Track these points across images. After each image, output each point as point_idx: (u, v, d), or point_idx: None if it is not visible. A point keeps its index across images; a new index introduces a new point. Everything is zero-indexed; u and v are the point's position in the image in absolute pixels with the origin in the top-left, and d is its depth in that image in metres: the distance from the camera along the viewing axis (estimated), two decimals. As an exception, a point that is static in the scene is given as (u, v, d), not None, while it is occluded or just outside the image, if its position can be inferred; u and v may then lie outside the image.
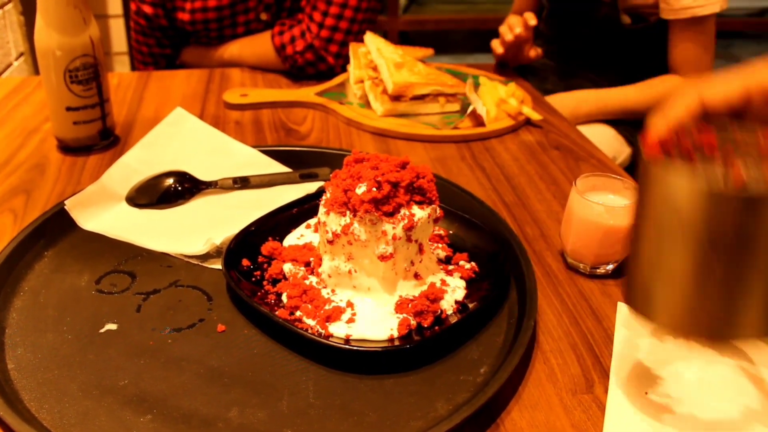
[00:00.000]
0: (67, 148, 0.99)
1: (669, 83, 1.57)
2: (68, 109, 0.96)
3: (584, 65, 1.70)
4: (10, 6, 1.69)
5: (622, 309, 0.66)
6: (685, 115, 0.56)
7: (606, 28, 1.59)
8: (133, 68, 1.49)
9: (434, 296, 0.62)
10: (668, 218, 0.44)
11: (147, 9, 1.35)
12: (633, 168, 1.67)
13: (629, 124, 1.65)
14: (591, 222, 0.70)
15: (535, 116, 1.12)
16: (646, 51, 1.63)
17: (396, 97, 1.12)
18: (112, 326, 0.63)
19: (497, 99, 1.12)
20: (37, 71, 1.80)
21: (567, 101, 1.56)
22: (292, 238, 0.74)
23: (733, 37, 5.70)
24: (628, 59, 1.65)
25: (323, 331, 0.60)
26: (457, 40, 5.83)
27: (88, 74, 0.95)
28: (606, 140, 1.60)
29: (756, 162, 0.47)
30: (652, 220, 0.46)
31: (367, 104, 1.16)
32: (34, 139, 1.03)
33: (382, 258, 0.62)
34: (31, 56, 1.79)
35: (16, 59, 1.72)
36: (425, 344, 0.59)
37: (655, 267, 0.46)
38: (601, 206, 0.69)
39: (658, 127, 0.56)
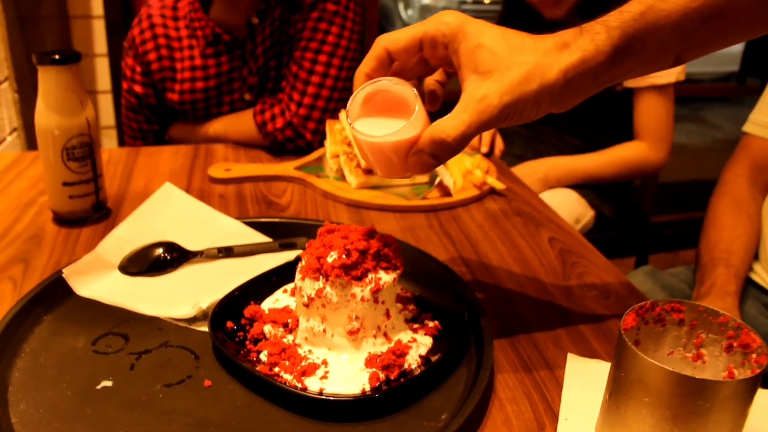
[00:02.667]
0: (62, 220, 1.06)
1: (632, 150, 1.68)
2: (64, 184, 1.03)
3: (551, 131, 1.81)
4: (5, 84, 1.78)
5: (572, 360, 0.73)
6: (375, 62, 0.67)
7: None
8: (121, 143, 1.57)
9: (400, 351, 0.69)
10: (636, 382, 0.55)
11: (138, 88, 1.44)
12: (596, 230, 1.76)
13: (592, 188, 1.75)
14: (381, 147, 0.67)
15: (499, 186, 1.20)
16: (610, 118, 1.75)
17: (369, 171, 1.20)
18: (108, 383, 0.68)
19: (464, 170, 1.21)
20: (29, 146, 1.88)
21: (538, 167, 1.66)
22: (270, 302, 0.81)
23: (701, 101, 5.99)
24: (593, 126, 1.77)
25: (299, 385, 0.66)
26: (432, 114, 6.00)
27: (83, 152, 1.03)
28: (569, 204, 1.70)
29: (716, 339, 0.60)
30: (625, 381, 0.56)
31: (342, 177, 1.24)
32: (30, 212, 1.09)
33: (351, 333, 0.69)
34: (24, 132, 1.87)
35: (10, 134, 1.80)
36: (392, 394, 0.66)
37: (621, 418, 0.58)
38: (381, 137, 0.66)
39: (357, 78, 0.68)
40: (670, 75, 1.62)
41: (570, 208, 1.70)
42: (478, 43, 0.63)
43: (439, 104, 0.73)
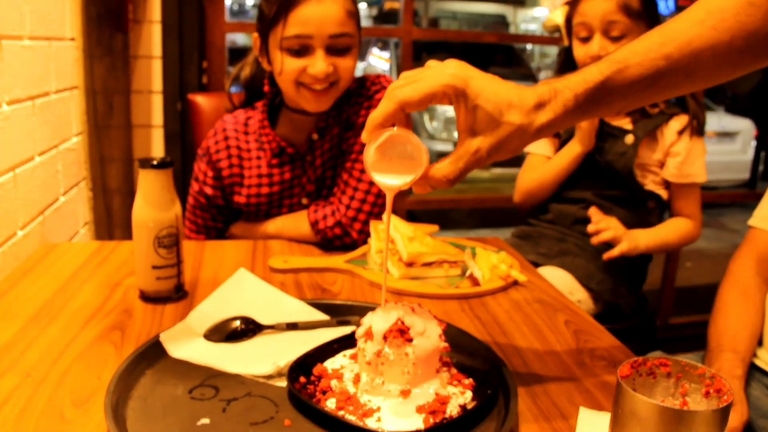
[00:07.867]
0: (148, 298, 1.24)
1: (686, 224, 2.00)
2: (153, 267, 1.22)
3: (575, 234, 2.03)
4: (83, 183, 2.02)
5: (583, 412, 0.89)
6: (389, 115, 0.83)
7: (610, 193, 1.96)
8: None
9: (443, 400, 0.86)
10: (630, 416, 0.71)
11: (208, 190, 1.66)
12: (611, 320, 1.92)
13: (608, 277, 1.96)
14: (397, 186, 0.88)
15: (521, 278, 1.38)
16: (633, 225, 1.98)
17: (409, 264, 1.39)
18: (206, 420, 0.85)
19: (490, 265, 1.39)
20: (97, 237, 2.09)
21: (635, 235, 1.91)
22: (332, 363, 0.98)
23: (721, 207, 6.22)
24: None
25: (362, 423, 0.83)
26: (458, 218, 6.23)
27: (171, 241, 1.22)
28: (565, 282, 1.95)
29: (697, 388, 0.76)
30: (622, 416, 0.72)
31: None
32: (119, 291, 1.28)
33: (403, 393, 0.86)
34: (93, 225, 2.08)
35: (82, 227, 2.02)
36: (439, 430, 0.82)
37: None
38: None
39: (371, 125, 0.84)
40: (704, 176, 1.96)
41: (562, 285, 1.91)
42: (475, 105, 0.81)
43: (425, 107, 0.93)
